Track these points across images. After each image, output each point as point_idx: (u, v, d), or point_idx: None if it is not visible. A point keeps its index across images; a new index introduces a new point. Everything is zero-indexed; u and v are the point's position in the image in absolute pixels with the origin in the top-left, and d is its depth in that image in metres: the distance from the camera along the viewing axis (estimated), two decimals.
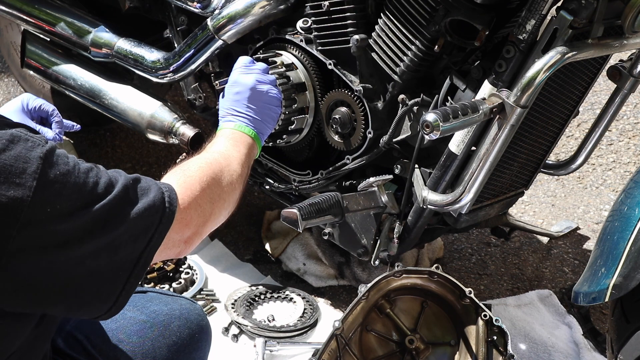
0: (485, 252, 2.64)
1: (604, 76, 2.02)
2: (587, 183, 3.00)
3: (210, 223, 1.32)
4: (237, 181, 1.42)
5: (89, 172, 1.10)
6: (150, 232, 1.15)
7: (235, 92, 1.67)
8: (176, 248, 1.25)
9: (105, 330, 1.45)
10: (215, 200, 1.33)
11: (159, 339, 1.48)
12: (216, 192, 1.33)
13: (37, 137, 1.07)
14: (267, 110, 1.68)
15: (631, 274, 1.51)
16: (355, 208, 1.87)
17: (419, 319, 1.82)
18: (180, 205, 1.22)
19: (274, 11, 2.02)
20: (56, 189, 1.05)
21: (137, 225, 1.13)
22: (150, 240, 1.15)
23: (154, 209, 1.15)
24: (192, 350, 1.54)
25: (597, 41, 1.63)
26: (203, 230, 1.30)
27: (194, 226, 1.26)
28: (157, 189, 1.18)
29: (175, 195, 1.20)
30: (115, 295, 1.14)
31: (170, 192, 1.20)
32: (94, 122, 2.95)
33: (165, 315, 1.51)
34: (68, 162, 1.08)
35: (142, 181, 1.17)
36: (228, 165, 1.42)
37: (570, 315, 2.33)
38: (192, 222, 1.25)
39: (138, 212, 1.13)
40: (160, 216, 1.16)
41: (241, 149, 1.52)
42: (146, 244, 1.15)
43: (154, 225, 1.15)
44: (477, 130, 1.71)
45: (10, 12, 2.50)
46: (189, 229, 1.25)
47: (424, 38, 1.77)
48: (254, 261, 2.55)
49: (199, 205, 1.27)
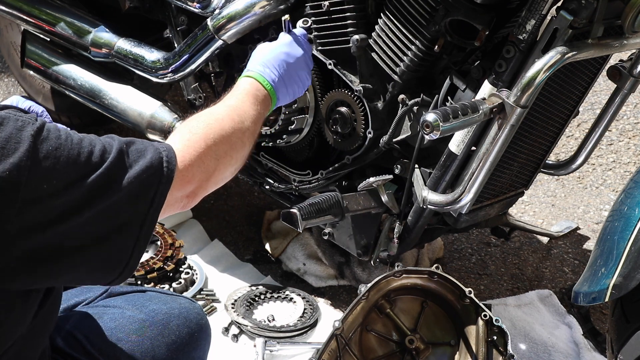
0: (485, 252, 2.64)
1: (604, 76, 2.02)
2: (587, 183, 3.00)
3: (214, 179, 1.31)
4: (248, 139, 1.42)
5: (82, 142, 1.11)
6: (151, 193, 1.15)
7: (285, 52, 1.67)
8: (179, 204, 1.27)
9: (105, 329, 1.45)
10: (221, 157, 1.32)
11: (158, 337, 1.48)
12: (222, 149, 1.33)
13: (27, 116, 1.08)
14: (297, 87, 1.68)
15: (631, 274, 1.51)
16: (355, 208, 1.87)
17: (419, 319, 1.82)
18: (180, 163, 1.22)
19: (274, 11, 2.02)
20: (51, 164, 1.06)
21: (136, 188, 1.13)
22: (152, 202, 1.15)
23: (151, 169, 1.15)
24: (192, 350, 1.54)
25: (597, 41, 1.63)
26: (207, 185, 1.30)
27: (196, 182, 1.27)
28: (154, 149, 1.18)
29: (173, 154, 1.20)
30: (125, 259, 1.15)
31: (168, 152, 1.20)
32: (94, 122, 2.95)
33: (164, 314, 1.51)
34: (60, 136, 1.09)
35: (137, 143, 1.17)
36: (241, 122, 1.41)
37: (570, 315, 2.33)
38: (194, 178, 1.26)
39: (135, 175, 1.13)
40: (160, 176, 1.16)
41: (258, 108, 1.51)
42: (149, 206, 1.15)
43: (153, 186, 1.16)
44: (477, 130, 1.71)
45: (10, 12, 2.50)
46: (191, 185, 1.26)
47: (424, 38, 1.77)
48: (254, 261, 2.55)
49: (202, 161, 1.27)
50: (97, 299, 1.56)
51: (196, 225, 2.64)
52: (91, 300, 1.56)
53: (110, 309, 1.50)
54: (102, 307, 1.52)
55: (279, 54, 1.66)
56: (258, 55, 1.66)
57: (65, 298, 1.55)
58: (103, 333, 1.44)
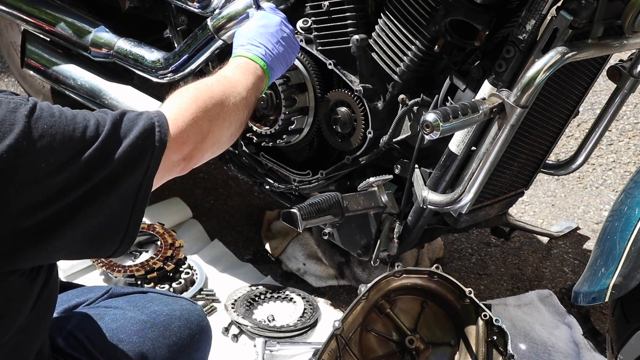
0: (485, 252, 2.64)
1: (604, 76, 2.02)
2: (587, 183, 3.00)
3: (209, 140, 1.33)
4: (241, 103, 1.43)
5: (76, 118, 1.13)
6: (146, 159, 1.18)
7: (261, 25, 1.68)
8: (177, 167, 1.29)
9: (106, 330, 1.45)
10: (214, 118, 1.34)
11: (160, 339, 1.48)
12: (214, 110, 1.35)
13: (19, 97, 1.09)
14: (285, 52, 1.68)
15: (631, 274, 1.51)
16: (355, 208, 1.87)
17: (419, 319, 1.82)
18: (173, 125, 1.24)
19: None
20: (47, 143, 1.07)
21: (130, 155, 1.15)
22: (148, 167, 1.18)
23: (144, 134, 1.18)
24: (193, 351, 1.54)
25: (597, 41, 1.63)
26: (202, 146, 1.32)
27: (192, 143, 1.29)
28: (146, 116, 1.20)
29: (164, 119, 1.23)
30: (124, 227, 1.17)
31: (159, 117, 1.22)
32: None
33: (165, 316, 1.51)
34: (54, 114, 1.10)
35: (129, 113, 1.20)
36: (233, 87, 1.44)
37: (570, 315, 2.33)
38: (189, 139, 1.28)
39: (129, 144, 1.15)
40: (152, 142, 1.19)
41: (250, 78, 1.53)
42: (145, 171, 1.17)
43: (148, 151, 1.18)
44: (477, 130, 1.71)
45: (10, 12, 2.50)
46: (187, 146, 1.28)
47: (424, 38, 1.77)
48: (254, 261, 2.55)
49: (195, 122, 1.29)
50: (98, 300, 1.56)
51: (196, 225, 2.64)
52: (92, 301, 1.56)
53: (111, 310, 1.50)
54: (103, 307, 1.52)
55: (257, 29, 1.68)
56: (238, 37, 1.68)
57: (66, 298, 1.55)
58: (104, 334, 1.44)
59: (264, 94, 2.01)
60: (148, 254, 2.45)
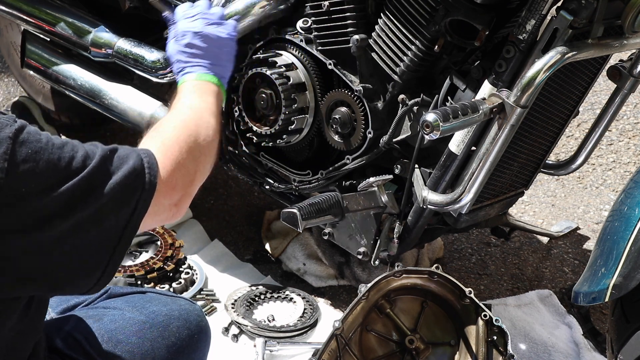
0: (485, 252, 2.64)
1: (604, 76, 2.02)
2: (587, 183, 3.00)
3: (196, 181, 1.30)
4: (213, 133, 1.39)
5: (64, 147, 1.08)
6: (134, 200, 1.13)
7: (185, 44, 1.57)
8: (167, 212, 1.25)
9: (105, 330, 1.44)
10: (197, 157, 1.31)
11: (158, 339, 1.48)
12: (196, 150, 1.31)
13: (5, 117, 1.05)
14: (223, 53, 1.59)
15: (631, 274, 1.51)
16: (355, 208, 1.87)
17: (419, 319, 1.82)
18: (162, 169, 1.20)
19: (274, 11, 2.02)
20: (30, 167, 1.03)
21: (118, 194, 1.11)
22: (135, 209, 1.14)
23: (134, 174, 1.13)
24: (192, 351, 1.53)
25: (597, 41, 1.63)
26: (191, 190, 1.29)
27: (180, 188, 1.25)
28: (136, 155, 1.16)
29: (154, 160, 1.19)
30: (102, 268, 1.13)
31: (150, 158, 1.18)
32: (94, 122, 2.95)
33: (164, 316, 1.51)
34: (40, 139, 1.06)
35: (119, 150, 1.15)
36: (201, 118, 1.38)
37: (570, 315, 2.33)
38: (177, 184, 1.24)
39: (118, 182, 1.11)
40: (142, 183, 1.15)
41: (209, 99, 1.46)
42: (131, 213, 1.13)
43: (137, 193, 1.14)
44: (477, 130, 1.71)
45: (10, 12, 2.50)
46: (177, 192, 1.24)
47: (424, 38, 1.77)
48: (254, 261, 2.55)
49: (182, 165, 1.26)
50: (96, 300, 1.56)
51: (196, 225, 2.64)
52: (91, 301, 1.56)
53: (110, 311, 1.50)
54: (102, 308, 1.52)
55: (181, 46, 1.57)
56: (171, 58, 1.59)
57: (65, 298, 1.55)
58: (103, 334, 1.44)
59: (264, 94, 2.01)
60: (148, 254, 2.45)
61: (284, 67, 1.97)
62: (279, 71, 1.96)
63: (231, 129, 2.22)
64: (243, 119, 2.11)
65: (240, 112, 2.11)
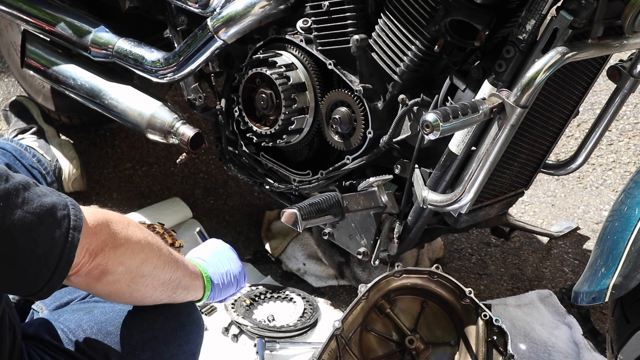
0: (485, 252, 2.64)
1: (604, 76, 2.02)
2: (587, 183, 3.00)
3: (120, 254, 1.30)
4: (163, 265, 1.40)
5: None
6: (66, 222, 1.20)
7: (218, 256, 1.62)
8: (80, 258, 1.25)
9: (95, 322, 1.45)
10: (140, 251, 1.34)
11: (148, 331, 1.48)
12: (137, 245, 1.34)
13: None
14: (231, 285, 1.62)
15: (631, 274, 1.51)
16: (355, 208, 1.87)
17: (419, 319, 1.82)
18: (88, 215, 1.25)
19: (274, 11, 2.02)
20: None
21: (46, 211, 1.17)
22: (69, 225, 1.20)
23: (57, 207, 1.20)
24: (183, 343, 1.53)
25: (597, 41, 1.63)
26: (113, 253, 1.29)
27: (102, 237, 1.27)
28: (58, 194, 1.22)
29: (78, 207, 1.24)
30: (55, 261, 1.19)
31: (74, 205, 1.23)
32: (94, 122, 2.95)
33: (155, 308, 1.51)
34: None
35: (41, 187, 1.21)
36: (176, 264, 1.43)
37: (570, 315, 2.33)
38: (101, 232, 1.27)
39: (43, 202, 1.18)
40: (68, 213, 1.21)
41: (192, 279, 1.49)
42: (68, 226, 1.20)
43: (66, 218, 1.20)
44: (477, 130, 1.71)
45: (10, 12, 2.50)
46: (96, 239, 1.26)
47: (424, 38, 1.77)
48: (254, 261, 2.55)
49: (109, 227, 1.29)
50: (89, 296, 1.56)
51: (196, 225, 2.64)
52: (83, 297, 1.56)
53: (101, 304, 1.50)
54: (93, 302, 1.53)
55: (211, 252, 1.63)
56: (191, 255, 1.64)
57: (59, 296, 1.56)
58: (93, 326, 1.44)
59: (264, 94, 2.01)
60: None
61: (284, 67, 1.97)
62: (279, 71, 1.96)
63: (231, 129, 2.22)
64: (243, 119, 2.11)
65: (240, 112, 2.11)
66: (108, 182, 2.85)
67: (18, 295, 1.29)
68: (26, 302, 1.60)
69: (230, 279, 1.60)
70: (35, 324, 1.46)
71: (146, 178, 2.90)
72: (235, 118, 2.16)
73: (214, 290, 1.56)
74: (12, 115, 2.74)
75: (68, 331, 1.43)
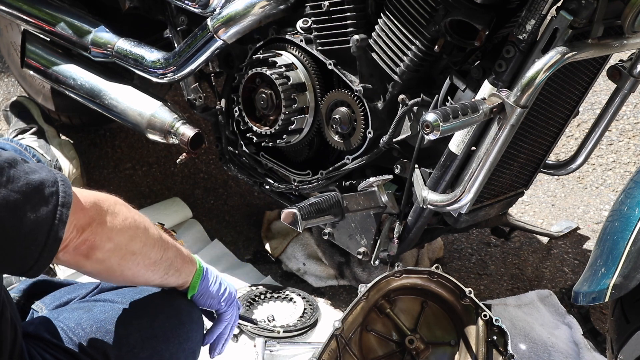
0: (485, 252, 2.64)
1: (604, 76, 2.02)
2: (587, 183, 3.00)
3: (108, 230, 1.29)
4: (153, 243, 1.41)
5: None
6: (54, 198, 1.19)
7: (218, 284, 1.60)
8: (68, 233, 1.24)
9: (94, 321, 1.45)
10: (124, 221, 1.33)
11: (147, 329, 1.48)
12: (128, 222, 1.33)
13: None
14: (219, 292, 1.60)
15: (631, 274, 1.51)
16: (355, 208, 1.87)
17: (419, 319, 1.82)
18: (77, 193, 1.24)
19: (274, 11, 2.02)
20: None
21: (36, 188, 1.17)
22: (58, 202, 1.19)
23: (47, 183, 1.19)
24: (183, 341, 1.53)
25: (597, 41, 1.63)
26: (100, 228, 1.28)
27: (90, 214, 1.26)
28: (48, 170, 1.21)
29: (69, 183, 1.23)
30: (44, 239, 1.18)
31: (64, 181, 1.22)
32: (94, 122, 2.95)
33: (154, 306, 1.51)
34: None
35: (30, 163, 1.20)
36: (165, 245, 1.43)
37: (570, 315, 2.33)
38: (89, 210, 1.26)
39: (30, 179, 1.17)
40: (57, 190, 1.19)
41: (185, 262, 1.50)
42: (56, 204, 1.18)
43: (54, 195, 1.19)
44: (477, 130, 1.71)
45: (10, 12, 2.50)
46: (84, 215, 1.25)
47: (424, 38, 1.77)
48: (254, 261, 2.55)
49: (99, 205, 1.28)
50: (88, 295, 1.56)
51: (196, 225, 2.64)
52: (83, 296, 1.56)
53: (100, 302, 1.51)
54: (92, 301, 1.53)
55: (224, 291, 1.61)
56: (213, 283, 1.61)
57: (59, 296, 1.56)
58: (92, 325, 1.44)
59: (264, 94, 2.01)
60: None
61: (284, 67, 1.97)
62: (279, 71, 1.96)
63: (231, 129, 2.22)
64: (243, 119, 2.11)
65: (240, 112, 2.11)
66: (108, 182, 2.85)
67: (11, 274, 1.27)
68: (26, 301, 1.60)
69: (223, 286, 1.59)
70: (35, 323, 1.46)
71: (146, 178, 2.90)
72: (235, 118, 2.16)
73: (206, 279, 1.55)
74: (12, 116, 2.74)
75: (68, 330, 1.43)
